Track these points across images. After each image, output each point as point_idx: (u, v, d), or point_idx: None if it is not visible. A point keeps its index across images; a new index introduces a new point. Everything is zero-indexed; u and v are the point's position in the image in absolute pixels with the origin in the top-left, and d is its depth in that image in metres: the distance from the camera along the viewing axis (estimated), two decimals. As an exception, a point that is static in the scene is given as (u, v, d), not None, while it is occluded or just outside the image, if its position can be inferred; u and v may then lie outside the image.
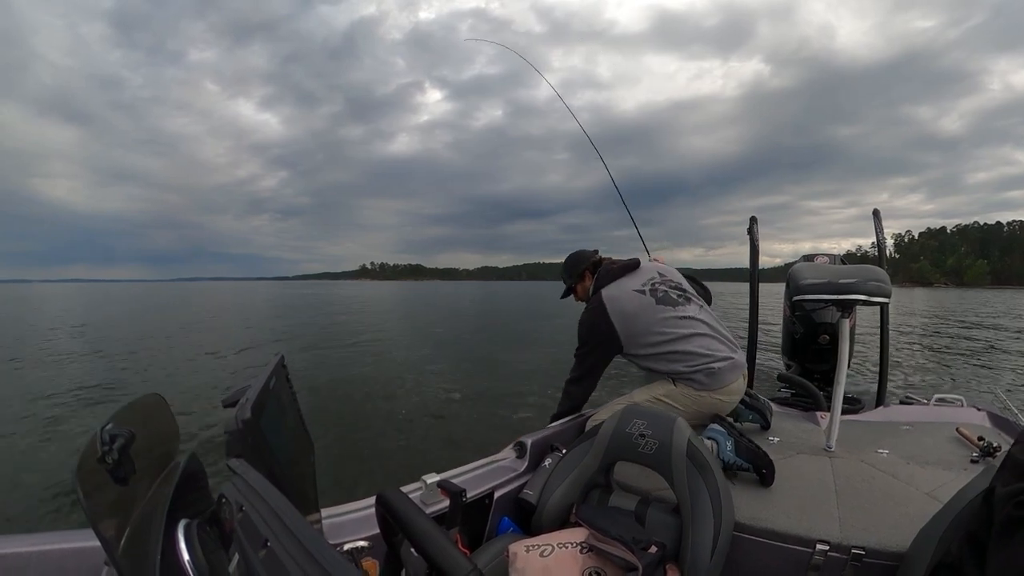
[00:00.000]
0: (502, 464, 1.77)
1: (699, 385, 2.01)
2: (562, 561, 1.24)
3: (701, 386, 2.01)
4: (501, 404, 6.17)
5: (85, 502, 0.52)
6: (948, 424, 2.17)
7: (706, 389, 2.01)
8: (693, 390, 2.02)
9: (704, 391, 2.01)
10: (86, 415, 5.84)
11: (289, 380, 1.20)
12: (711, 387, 2.00)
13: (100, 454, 0.58)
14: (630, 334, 2.09)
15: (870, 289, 1.79)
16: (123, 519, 0.58)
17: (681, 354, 2.02)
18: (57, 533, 0.99)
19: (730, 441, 1.77)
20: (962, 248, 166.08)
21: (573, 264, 2.44)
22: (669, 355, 2.04)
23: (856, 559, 1.31)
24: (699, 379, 2.00)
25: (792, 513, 1.47)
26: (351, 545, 0.99)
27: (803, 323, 2.97)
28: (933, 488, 1.57)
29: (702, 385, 2.00)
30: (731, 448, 1.75)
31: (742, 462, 1.72)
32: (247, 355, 10.66)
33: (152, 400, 0.81)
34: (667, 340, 2.04)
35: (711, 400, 2.01)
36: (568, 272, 2.46)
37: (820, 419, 2.37)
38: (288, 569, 0.48)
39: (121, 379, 7.99)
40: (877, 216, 3.05)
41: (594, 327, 2.15)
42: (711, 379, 1.99)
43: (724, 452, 1.75)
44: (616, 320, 2.10)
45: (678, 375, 2.04)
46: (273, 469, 0.87)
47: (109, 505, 0.58)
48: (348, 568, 0.48)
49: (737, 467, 1.72)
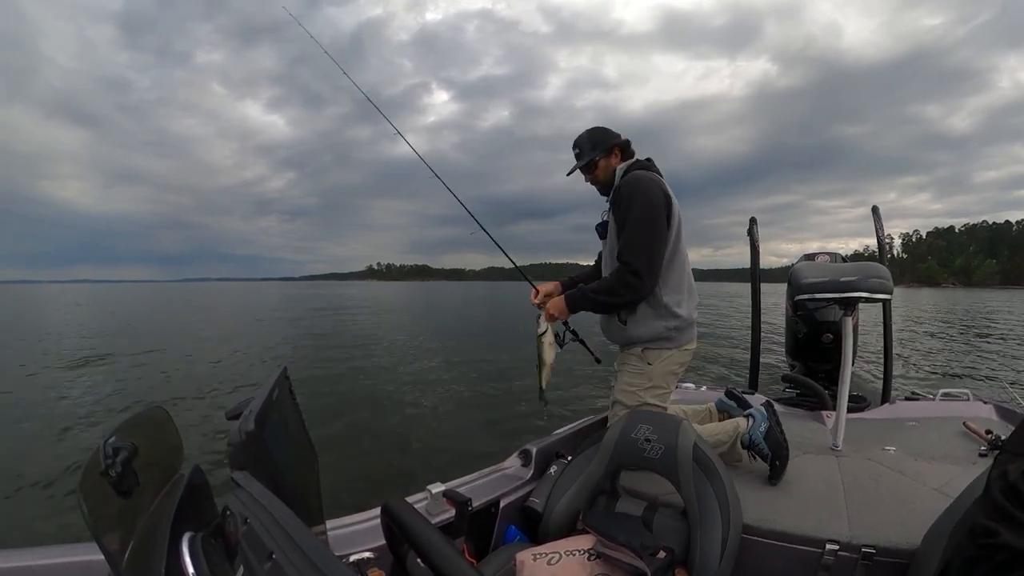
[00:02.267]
0: (507, 472, 1.77)
1: (689, 340, 1.87)
2: (570, 569, 1.23)
3: (688, 341, 1.87)
4: (506, 411, 6.15)
5: (88, 515, 0.52)
6: (955, 419, 2.17)
7: (689, 342, 1.89)
8: (685, 348, 1.86)
9: (690, 344, 1.89)
10: (91, 426, 5.82)
11: (292, 391, 1.20)
12: (689, 340, 1.89)
13: (103, 467, 0.58)
14: (673, 234, 1.80)
15: (872, 286, 1.79)
16: (127, 532, 0.58)
17: (688, 289, 1.86)
18: (61, 547, 0.99)
19: (765, 424, 1.76)
20: (970, 248, 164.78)
21: (603, 136, 1.93)
22: (681, 285, 1.83)
23: (867, 558, 1.30)
24: (693, 333, 1.89)
25: (800, 513, 1.46)
26: (357, 556, 0.98)
27: (806, 322, 2.96)
28: (942, 484, 1.57)
29: (689, 339, 1.88)
30: (763, 431, 1.74)
31: (764, 448, 1.71)
32: (252, 359, 10.63)
33: (156, 413, 0.81)
34: (684, 263, 1.85)
35: (684, 356, 1.89)
36: (594, 142, 1.92)
37: (826, 418, 2.36)
38: None
39: (122, 389, 7.95)
40: (876, 213, 3.06)
41: (653, 195, 1.74)
42: (690, 331, 1.89)
43: (755, 431, 1.75)
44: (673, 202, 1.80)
45: (676, 322, 1.80)
46: (277, 481, 0.87)
47: (112, 518, 0.57)
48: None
49: (756, 450, 1.73)
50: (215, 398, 7.03)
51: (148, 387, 7.88)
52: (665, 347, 1.83)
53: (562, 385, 7.27)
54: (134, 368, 9.53)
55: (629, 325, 1.84)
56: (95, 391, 7.58)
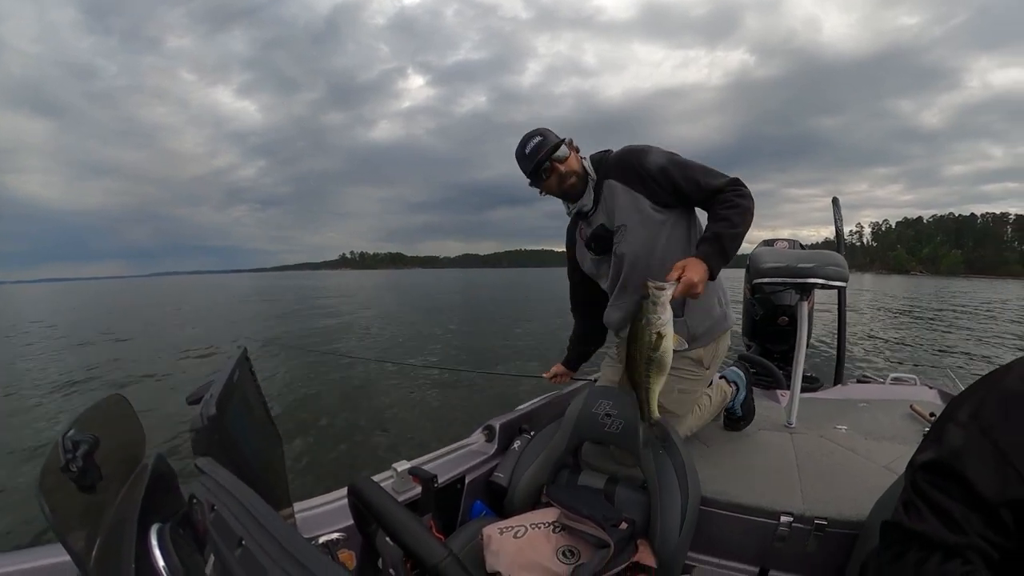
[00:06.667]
0: (472, 448, 1.78)
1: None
2: (536, 541, 1.27)
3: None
4: (468, 389, 6.19)
5: (51, 515, 0.50)
6: (903, 402, 2.29)
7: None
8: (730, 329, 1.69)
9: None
10: (46, 420, 5.54)
11: (253, 373, 1.17)
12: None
13: (63, 463, 0.56)
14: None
15: (828, 273, 1.87)
16: (93, 529, 0.57)
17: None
18: (23, 552, 0.94)
19: (745, 392, 1.92)
20: (938, 238, 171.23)
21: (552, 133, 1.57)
22: None
23: (819, 529, 1.39)
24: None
25: (757, 487, 1.55)
26: (326, 538, 0.99)
27: (763, 305, 3.09)
28: (889, 461, 1.67)
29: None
30: (742, 401, 1.90)
31: (739, 413, 1.89)
32: (212, 347, 10.32)
33: (114, 401, 0.78)
34: None
35: (728, 339, 1.75)
36: (549, 134, 1.56)
37: (780, 397, 2.47)
38: (265, 567, 0.47)
39: (82, 382, 7.58)
40: (836, 205, 3.19)
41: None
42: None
43: (736, 401, 1.90)
44: None
45: (724, 295, 1.64)
46: (242, 465, 0.86)
47: (77, 516, 0.56)
48: (326, 562, 0.48)
49: (729, 414, 1.91)
50: (175, 384, 6.82)
51: (104, 383, 7.54)
52: (718, 333, 1.62)
53: (527, 360, 7.34)
54: (92, 359, 9.14)
55: (687, 317, 1.53)
56: (43, 384, 7.23)
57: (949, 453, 0.68)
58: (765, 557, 1.49)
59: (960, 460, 0.66)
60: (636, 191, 1.50)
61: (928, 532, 0.66)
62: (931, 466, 0.70)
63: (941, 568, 0.63)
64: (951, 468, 0.67)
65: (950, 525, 0.64)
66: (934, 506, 0.67)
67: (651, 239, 1.52)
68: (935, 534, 0.65)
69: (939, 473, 0.68)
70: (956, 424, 0.70)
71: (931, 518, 0.66)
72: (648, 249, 1.53)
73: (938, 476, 0.69)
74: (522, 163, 1.55)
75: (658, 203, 1.50)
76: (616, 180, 1.53)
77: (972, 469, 0.64)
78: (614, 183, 1.54)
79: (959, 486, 0.65)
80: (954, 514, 0.64)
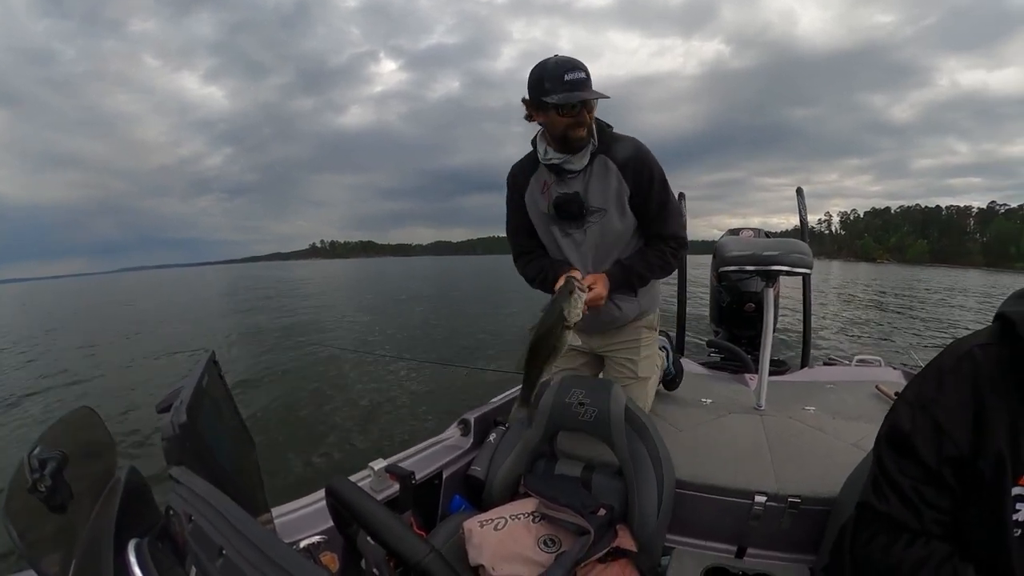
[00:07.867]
0: (447, 443, 1.78)
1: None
2: (516, 532, 1.28)
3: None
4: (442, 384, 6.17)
5: (19, 540, 0.48)
6: (868, 382, 2.37)
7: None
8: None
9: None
10: (8, 439, 5.26)
11: (222, 377, 1.15)
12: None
13: (31, 483, 0.54)
14: None
15: (793, 261, 1.93)
16: (67, 551, 0.55)
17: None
18: None
19: (671, 355, 2.14)
20: (905, 228, 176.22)
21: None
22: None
23: (793, 506, 1.44)
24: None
25: (730, 468, 1.60)
26: (307, 541, 0.98)
27: (729, 292, 3.16)
28: (858, 439, 1.73)
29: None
30: (672, 361, 2.13)
31: (673, 373, 2.14)
32: (180, 349, 9.98)
33: (82, 414, 0.75)
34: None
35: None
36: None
37: (749, 380, 2.52)
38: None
39: (40, 392, 7.23)
40: (800, 195, 3.28)
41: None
42: None
43: (668, 362, 2.11)
44: None
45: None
46: (217, 473, 0.84)
47: (48, 538, 0.54)
48: (309, 566, 0.47)
49: (668, 375, 2.14)
50: (142, 390, 6.57)
51: (66, 388, 7.21)
52: (657, 303, 1.79)
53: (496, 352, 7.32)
54: (53, 367, 8.73)
55: (640, 294, 1.64)
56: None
57: (900, 431, 0.74)
58: (742, 535, 1.54)
59: (908, 438, 0.72)
60: (627, 183, 1.47)
61: (893, 514, 0.72)
62: (888, 442, 0.77)
63: (904, 553, 0.70)
64: (903, 444, 0.73)
65: (909, 506, 0.71)
66: (894, 485, 0.73)
67: (620, 237, 1.55)
68: (899, 516, 0.72)
69: (895, 449, 0.75)
70: (905, 403, 0.76)
71: (893, 498, 0.73)
72: (615, 243, 1.56)
73: (894, 451, 0.75)
74: (551, 84, 1.33)
75: (630, 205, 1.51)
76: (615, 162, 1.46)
77: (920, 443, 0.71)
78: (611, 163, 1.47)
79: (911, 461, 0.72)
80: (910, 493, 0.71)
